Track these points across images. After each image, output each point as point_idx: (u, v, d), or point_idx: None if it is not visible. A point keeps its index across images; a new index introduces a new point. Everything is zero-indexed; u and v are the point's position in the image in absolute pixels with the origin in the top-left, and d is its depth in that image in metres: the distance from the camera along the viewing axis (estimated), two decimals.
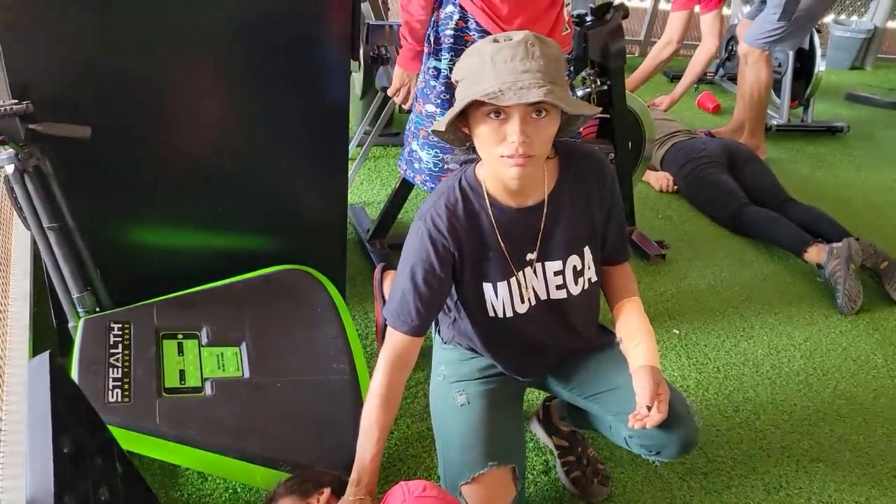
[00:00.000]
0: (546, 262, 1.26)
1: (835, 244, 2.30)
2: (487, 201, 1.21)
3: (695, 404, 1.76)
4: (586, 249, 1.28)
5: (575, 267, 1.27)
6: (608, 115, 2.32)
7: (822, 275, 2.30)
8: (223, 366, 1.47)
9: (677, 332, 2.06)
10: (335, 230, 1.81)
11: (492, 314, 1.27)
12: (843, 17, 5.64)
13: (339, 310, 1.66)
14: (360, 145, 2.63)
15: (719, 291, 2.29)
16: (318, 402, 1.45)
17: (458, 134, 1.19)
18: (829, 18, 5.52)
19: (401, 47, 1.64)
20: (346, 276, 1.89)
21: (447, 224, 1.20)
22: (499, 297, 1.26)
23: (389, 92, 1.71)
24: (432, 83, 1.67)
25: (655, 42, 3.60)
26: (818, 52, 3.67)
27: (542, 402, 1.59)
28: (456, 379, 1.34)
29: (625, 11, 2.21)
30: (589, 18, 2.18)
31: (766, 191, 2.77)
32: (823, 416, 1.77)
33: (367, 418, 1.20)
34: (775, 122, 3.72)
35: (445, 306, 1.33)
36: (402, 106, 1.75)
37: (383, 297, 1.76)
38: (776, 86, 3.87)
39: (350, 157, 2.60)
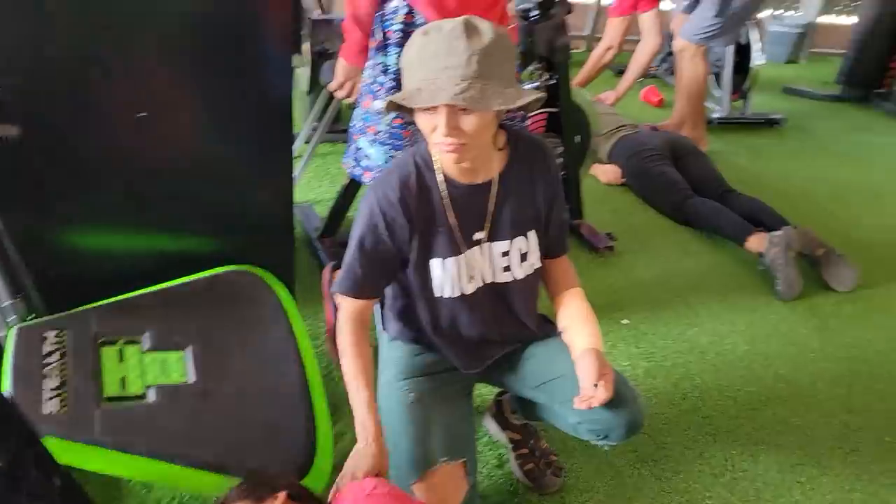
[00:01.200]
0: (493, 243, 1.28)
1: (774, 233, 2.38)
2: (440, 176, 1.23)
3: (644, 393, 1.80)
4: (531, 234, 1.30)
5: (520, 249, 1.29)
6: (555, 110, 2.36)
7: (762, 263, 2.38)
8: (167, 371, 1.43)
9: (626, 322, 2.09)
10: (282, 229, 1.78)
11: (438, 293, 1.28)
12: (778, 12, 5.83)
13: (287, 310, 1.63)
14: (307, 142, 2.59)
15: (666, 281, 2.34)
16: (269, 405, 1.43)
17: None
18: (765, 14, 5.70)
19: (345, 41, 1.60)
20: (294, 276, 1.86)
21: (398, 195, 1.21)
22: (446, 275, 1.26)
23: (332, 86, 1.67)
24: (381, 79, 1.65)
25: (600, 37, 3.66)
26: (755, 46, 3.78)
27: (495, 397, 1.59)
28: (404, 377, 1.33)
29: (568, 7, 2.23)
30: (534, 13, 2.19)
31: (708, 182, 2.84)
32: (766, 400, 1.83)
33: (348, 373, 1.23)
34: (716, 115, 3.83)
35: (392, 292, 1.34)
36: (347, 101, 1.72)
37: (333, 297, 1.73)
38: (717, 79, 3.99)
39: (297, 154, 2.57)
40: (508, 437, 1.54)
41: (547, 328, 1.39)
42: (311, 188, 2.64)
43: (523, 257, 1.30)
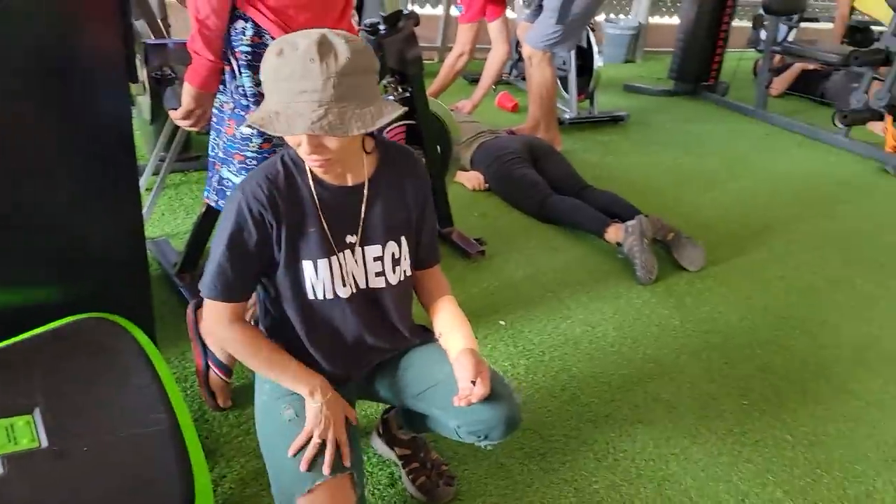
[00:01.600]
0: (366, 247, 1.28)
1: (629, 222, 2.53)
2: (310, 177, 1.22)
3: (526, 389, 1.84)
4: (403, 239, 1.31)
5: (393, 255, 1.30)
6: (413, 122, 2.37)
7: (621, 251, 2.52)
8: (15, 438, 1.28)
9: (503, 323, 2.14)
10: (134, 268, 1.65)
11: (311, 296, 1.26)
12: (612, 16, 6.25)
13: (149, 355, 1.52)
14: (156, 173, 2.43)
15: (536, 279, 2.42)
16: (136, 457, 1.31)
17: None
18: (601, 18, 6.09)
19: (190, 63, 1.50)
20: (153, 316, 1.74)
21: (267, 194, 1.19)
22: (319, 277, 1.24)
23: (177, 115, 1.56)
24: (244, 102, 1.54)
25: (451, 47, 3.74)
26: (595, 49, 4.03)
27: (381, 415, 1.57)
28: (280, 395, 1.28)
29: (416, 19, 2.25)
30: (382, 27, 2.19)
31: (566, 180, 2.98)
32: (637, 380, 1.94)
33: (263, 361, 1.26)
34: (567, 116, 4.03)
35: (262, 310, 1.31)
36: (195, 130, 1.61)
37: (200, 337, 1.64)
38: (564, 83, 4.20)
39: (147, 187, 2.41)
40: (398, 453, 1.52)
41: (424, 336, 1.40)
42: (166, 221, 2.50)
43: (396, 262, 1.30)
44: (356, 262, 1.28)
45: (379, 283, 1.30)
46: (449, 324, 1.34)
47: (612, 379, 1.93)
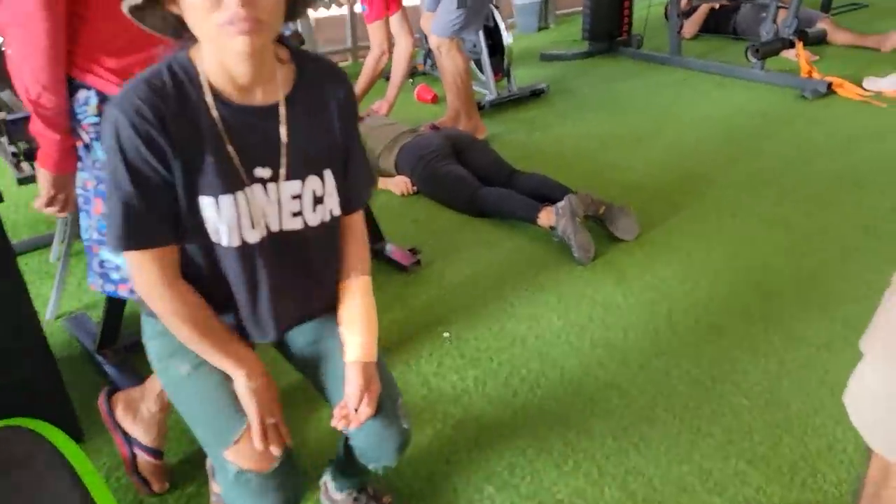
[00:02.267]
0: (282, 183, 1.07)
1: (559, 204, 2.48)
2: (208, 92, 1.00)
3: (478, 402, 1.79)
4: (327, 173, 1.11)
5: (315, 192, 1.10)
6: None
7: (555, 235, 2.47)
8: None
9: (447, 335, 2.08)
10: (37, 361, 1.54)
11: (215, 239, 1.05)
12: None
13: (69, 458, 1.41)
14: (63, 241, 2.30)
15: (476, 280, 2.36)
16: None
17: (167, 19, 1.00)
18: None
19: (39, 147, 1.38)
20: (73, 408, 1.63)
21: (153, 110, 0.97)
22: (222, 217, 1.03)
23: (39, 203, 1.44)
24: (105, 175, 1.43)
25: (363, 46, 3.64)
26: (502, 26, 3.96)
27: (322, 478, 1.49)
28: (169, 353, 1.15)
29: (300, 39, 2.15)
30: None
31: (492, 169, 2.92)
32: (587, 369, 1.90)
33: (199, 338, 1.08)
34: (488, 99, 3.96)
35: None
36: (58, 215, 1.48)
37: (119, 425, 1.53)
38: (478, 65, 4.13)
39: (56, 258, 2.28)
40: None
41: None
42: (84, 291, 2.36)
43: (318, 201, 1.11)
44: (269, 199, 1.06)
45: (295, 224, 1.10)
46: (353, 319, 1.19)
47: (562, 373, 1.89)
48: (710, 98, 4.00)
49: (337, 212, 1.14)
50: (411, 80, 4.44)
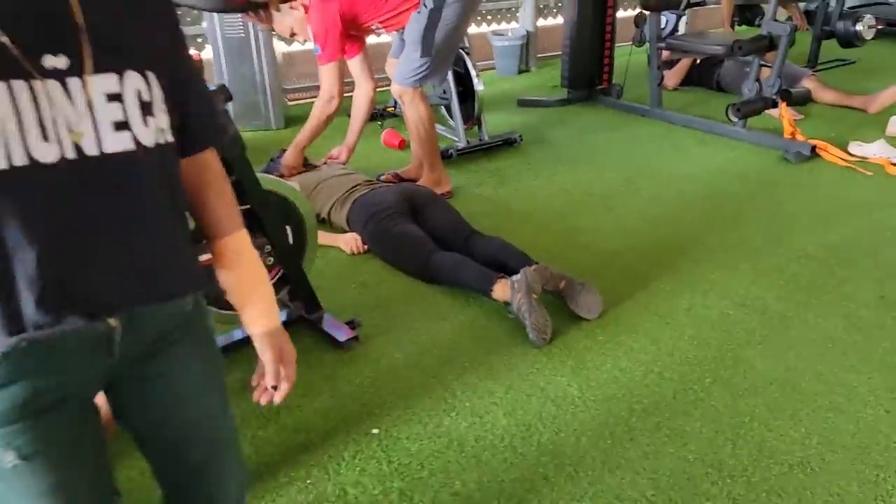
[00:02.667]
0: (89, 77, 0.77)
1: (514, 277, 2.26)
2: None
3: None
4: (151, 76, 0.83)
5: (140, 94, 0.81)
6: (248, 207, 2.06)
7: (510, 311, 2.25)
8: None
9: (376, 431, 1.84)
10: None
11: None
12: (498, 26, 6.03)
13: None
14: None
15: (418, 361, 2.13)
16: None
17: None
18: (484, 28, 5.88)
19: None
20: None
21: None
22: None
23: None
24: None
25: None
26: (473, 72, 3.78)
27: None
28: None
29: (226, 94, 1.94)
30: None
31: (450, 230, 2.70)
32: (531, 484, 1.66)
33: None
34: (458, 146, 3.76)
35: None
36: None
37: None
38: (448, 111, 3.95)
39: None
40: None
41: (208, 281, 0.99)
42: None
43: (146, 110, 0.82)
44: (73, 102, 0.76)
45: (121, 142, 0.80)
46: (244, 287, 1.03)
47: (502, 488, 1.65)
48: (691, 155, 3.82)
49: (171, 141, 0.86)
50: (380, 123, 4.25)
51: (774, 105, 3.73)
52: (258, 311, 1.03)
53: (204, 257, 1.01)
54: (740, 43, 3.61)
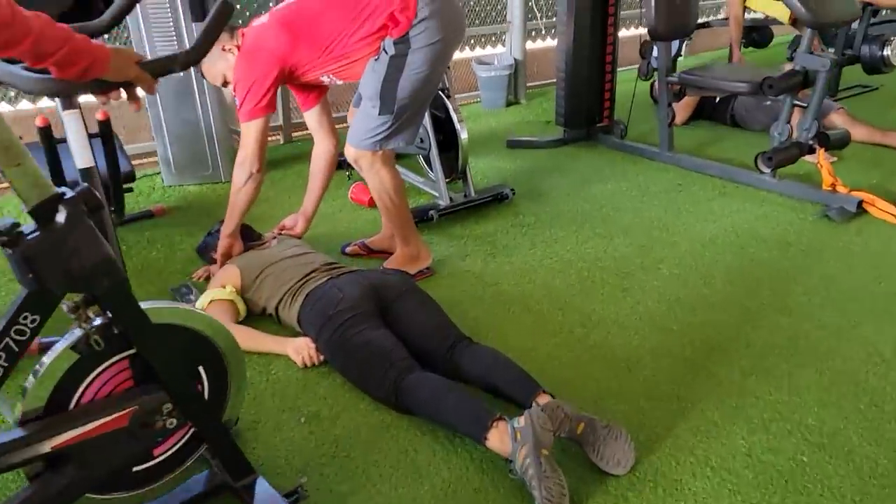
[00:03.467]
0: None
1: (517, 424, 1.67)
2: None
3: None
4: None
5: None
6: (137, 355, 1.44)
7: (513, 469, 1.65)
8: None
9: None
10: None
11: None
12: (482, 52, 5.46)
13: None
14: None
15: None
16: None
17: None
18: (468, 54, 5.31)
19: None
20: None
21: None
22: None
23: None
24: None
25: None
26: (455, 117, 3.19)
27: None
28: None
29: (97, 204, 1.33)
30: (25, 229, 1.26)
31: (428, 335, 2.10)
32: None
33: None
34: (440, 206, 3.17)
35: None
36: None
37: None
38: (427, 162, 3.37)
39: None
40: None
41: None
42: None
43: None
44: None
45: None
46: None
47: None
48: (712, 211, 3.25)
49: None
50: (348, 174, 3.65)
51: (811, 151, 3.17)
52: None
53: None
54: (771, 81, 3.05)
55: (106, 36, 2.21)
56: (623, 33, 5.27)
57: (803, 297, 2.49)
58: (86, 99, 1.83)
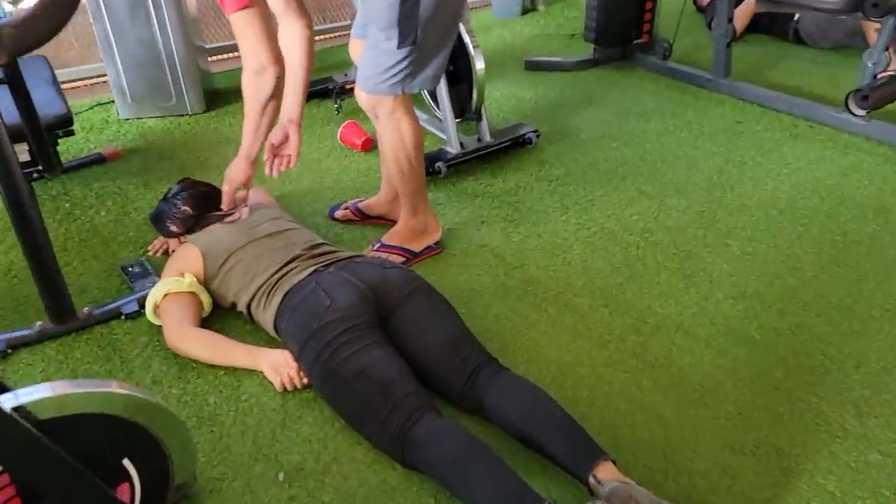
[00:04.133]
0: None
1: None
2: None
3: None
4: None
5: None
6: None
7: None
8: None
9: None
10: None
11: None
12: None
13: None
14: None
15: None
16: None
17: None
18: None
19: None
20: None
21: None
22: None
23: None
24: None
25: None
26: (470, 45, 2.55)
27: None
28: None
29: None
30: None
31: (443, 358, 1.60)
32: None
33: None
34: (449, 154, 2.59)
35: None
36: None
37: None
38: (433, 98, 2.76)
39: None
40: None
41: None
42: None
43: None
44: None
45: None
46: None
47: None
48: (785, 162, 2.65)
49: None
50: (336, 106, 3.04)
51: None
52: None
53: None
54: None
55: None
56: None
57: None
58: None
